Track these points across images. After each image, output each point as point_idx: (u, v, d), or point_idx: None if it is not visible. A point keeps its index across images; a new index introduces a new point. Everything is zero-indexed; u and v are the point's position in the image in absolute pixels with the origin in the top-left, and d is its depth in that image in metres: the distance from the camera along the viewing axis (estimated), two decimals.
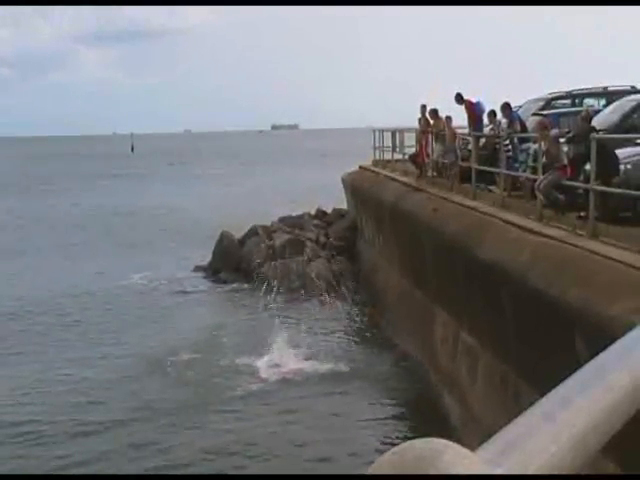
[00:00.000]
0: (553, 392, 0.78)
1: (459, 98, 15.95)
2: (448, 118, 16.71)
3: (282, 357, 14.42)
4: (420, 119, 18.20)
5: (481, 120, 15.73)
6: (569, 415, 0.74)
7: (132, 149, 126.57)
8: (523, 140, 13.33)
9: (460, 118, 16.69)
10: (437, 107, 17.69)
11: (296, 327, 16.60)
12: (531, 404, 0.76)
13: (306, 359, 14.51)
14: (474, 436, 9.63)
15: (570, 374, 0.83)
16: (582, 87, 18.22)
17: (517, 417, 0.72)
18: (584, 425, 0.75)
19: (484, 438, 0.68)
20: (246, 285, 21.31)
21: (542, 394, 0.79)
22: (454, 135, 16.09)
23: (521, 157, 13.12)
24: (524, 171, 12.70)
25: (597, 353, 0.91)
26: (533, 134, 12.36)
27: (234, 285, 21.53)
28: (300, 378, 13.72)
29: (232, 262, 22.46)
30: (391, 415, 12.30)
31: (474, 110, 15.70)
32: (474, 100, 15.98)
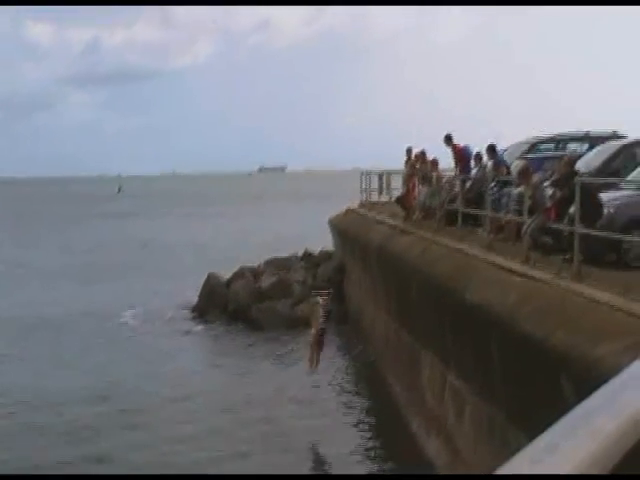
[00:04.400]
0: (540, 437, 0.79)
1: (448, 140, 16.17)
2: (434, 161, 16.89)
3: (268, 398, 14.34)
4: (406, 162, 18.38)
5: (469, 164, 15.91)
6: (556, 460, 0.75)
7: (119, 190, 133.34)
8: (505, 184, 13.46)
9: (444, 162, 16.95)
10: (424, 149, 17.93)
11: (284, 369, 16.49)
12: (519, 447, 0.77)
13: (292, 398, 14.44)
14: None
15: (558, 416, 0.84)
16: (565, 132, 18.55)
17: (505, 462, 0.73)
18: (571, 470, 0.75)
19: None
20: (232, 327, 21.17)
21: (530, 437, 0.80)
22: (440, 178, 16.25)
23: (503, 200, 13.21)
24: (505, 214, 12.79)
25: (584, 395, 0.92)
26: (514, 178, 12.49)
27: (220, 327, 21.37)
28: (286, 415, 13.74)
29: (219, 304, 22.33)
30: (376, 455, 12.17)
31: (462, 154, 15.92)
32: (462, 145, 16.22)
